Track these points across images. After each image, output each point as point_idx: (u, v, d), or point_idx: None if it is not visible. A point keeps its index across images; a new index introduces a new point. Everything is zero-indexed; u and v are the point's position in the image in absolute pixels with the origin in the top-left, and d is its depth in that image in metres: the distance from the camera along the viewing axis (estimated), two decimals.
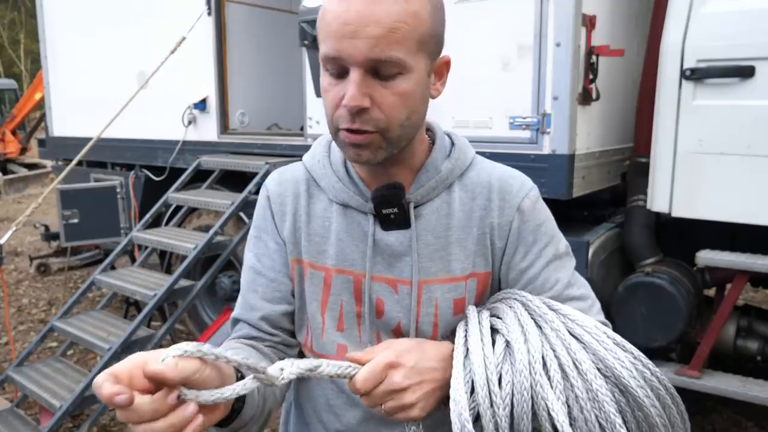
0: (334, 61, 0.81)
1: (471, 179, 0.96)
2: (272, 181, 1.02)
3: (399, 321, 0.94)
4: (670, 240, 2.85)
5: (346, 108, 0.81)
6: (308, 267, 0.97)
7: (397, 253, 0.93)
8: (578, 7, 2.51)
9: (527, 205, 0.94)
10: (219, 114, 4.03)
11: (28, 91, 12.55)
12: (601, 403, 0.74)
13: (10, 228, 3.58)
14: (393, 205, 0.91)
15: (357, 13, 0.77)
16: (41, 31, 5.27)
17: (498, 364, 0.78)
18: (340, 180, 0.95)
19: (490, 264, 0.96)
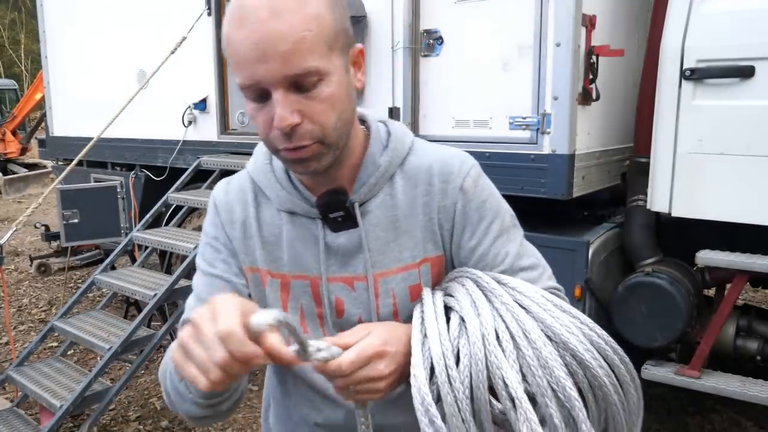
0: (252, 88, 0.81)
1: (412, 165, 0.96)
2: (219, 190, 1.02)
3: (359, 316, 0.96)
4: (670, 240, 2.85)
5: (279, 129, 0.81)
6: (267, 275, 0.98)
7: (349, 252, 0.95)
8: (578, 7, 2.52)
9: (469, 183, 0.95)
10: (219, 114, 4.03)
11: (28, 92, 12.56)
12: (551, 369, 0.77)
13: (11, 228, 3.59)
14: (338, 209, 0.92)
15: (260, 34, 0.76)
16: (41, 31, 5.28)
17: (455, 339, 0.81)
18: (284, 188, 0.96)
19: (440, 247, 0.97)
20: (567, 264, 2.66)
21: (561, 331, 0.79)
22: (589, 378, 0.79)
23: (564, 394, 0.76)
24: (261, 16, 0.76)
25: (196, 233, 3.74)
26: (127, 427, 3.33)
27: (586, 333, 0.79)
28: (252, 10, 0.77)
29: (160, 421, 3.37)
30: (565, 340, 0.78)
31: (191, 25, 3.83)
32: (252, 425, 3.30)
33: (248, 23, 0.77)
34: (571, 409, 0.77)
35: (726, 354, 2.81)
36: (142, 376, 3.89)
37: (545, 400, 0.77)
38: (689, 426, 3.21)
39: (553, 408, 0.77)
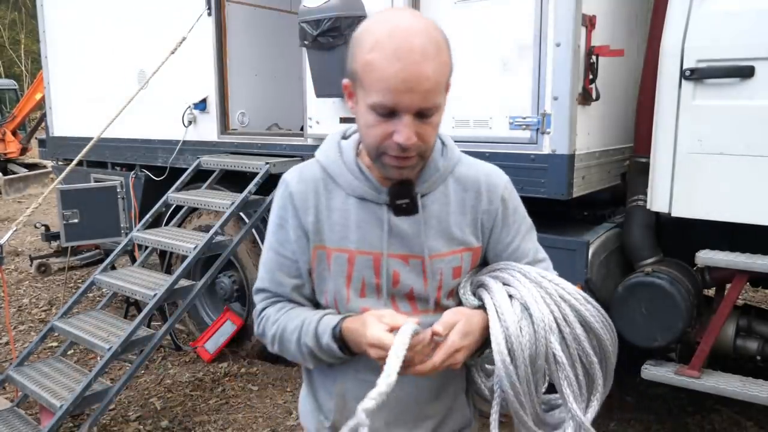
0: (387, 108, 1.01)
1: (462, 174, 1.21)
2: (293, 179, 1.22)
3: (411, 287, 1.19)
4: (670, 240, 2.85)
5: (399, 144, 1.02)
6: (333, 252, 1.18)
7: (408, 235, 1.17)
8: (578, 7, 2.52)
9: (507, 194, 1.24)
10: (219, 114, 4.03)
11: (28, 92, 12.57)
12: (581, 343, 1.12)
13: (11, 228, 3.59)
14: (405, 197, 1.15)
15: (410, 73, 0.98)
16: (41, 31, 5.28)
17: (519, 320, 1.11)
18: (357, 178, 1.17)
19: (480, 240, 1.23)
20: (567, 264, 2.66)
21: (587, 316, 1.13)
22: (603, 347, 1.14)
23: (587, 360, 1.13)
24: (414, 58, 0.98)
25: (196, 233, 3.74)
26: (127, 427, 3.33)
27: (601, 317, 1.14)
28: (407, 50, 0.98)
29: (160, 421, 3.37)
30: (590, 322, 1.13)
31: (191, 25, 3.83)
32: (252, 425, 3.30)
33: (402, 60, 0.98)
34: (590, 369, 1.14)
35: (726, 354, 2.81)
36: (142, 376, 3.90)
37: (576, 365, 1.12)
38: (689, 426, 3.21)
39: (579, 370, 1.12)
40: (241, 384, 3.78)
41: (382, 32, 1.00)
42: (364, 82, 1.02)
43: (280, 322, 1.22)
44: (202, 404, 3.55)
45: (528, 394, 1.11)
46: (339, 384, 1.25)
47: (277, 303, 1.26)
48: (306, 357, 1.20)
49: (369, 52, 1.00)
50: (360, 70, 1.03)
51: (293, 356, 1.22)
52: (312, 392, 1.33)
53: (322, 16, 2.96)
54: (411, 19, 1.02)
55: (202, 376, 3.89)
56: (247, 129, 4.19)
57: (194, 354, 4.15)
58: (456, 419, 1.31)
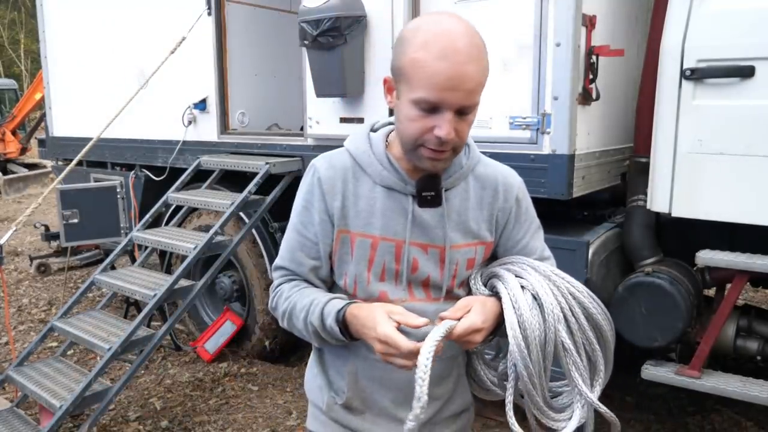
0: (431, 104, 1.08)
1: (481, 173, 1.30)
2: (322, 165, 1.27)
3: (429, 275, 1.26)
4: (670, 240, 2.85)
5: (439, 138, 1.09)
6: (357, 236, 1.25)
7: (430, 225, 1.24)
8: (578, 7, 2.52)
9: (521, 195, 1.33)
10: (219, 114, 4.03)
11: (28, 91, 12.55)
12: (585, 331, 1.20)
13: (10, 228, 3.59)
14: (431, 190, 1.22)
15: (457, 72, 1.05)
16: (41, 31, 5.27)
17: (531, 308, 1.18)
18: (386, 169, 1.24)
19: (493, 235, 1.31)
20: (567, 264, 2.65)
21: (591, 309, 1.21)
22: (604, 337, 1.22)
23: (591, 348, 1.21)
24: (460, 59, 1.06)
25: (196, 233, 3.74)
26: (127, 427, 3.33)
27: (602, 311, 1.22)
28: (454, 51, 1.06)
29: (160, 421, 3.37)
30: (593, 314, 1.21)
31: (191, 25, 3.83)
32: (252, 425, 3.30)
33: (449, 59, 1.05)
34: (593, 357, 1.22)
35: (726, 354, 2.81)
36: (142, 376, 3.89)
37: (581, 352, 1.21)
38: (689, 426, 3.21)
39: (583, 357, 1.21)
40: (241, 384, 3.78)
41: (430, 32, 1.08)
42: (411, 79, 1.09)
43: (291, 299, 1.28)
44: (202, 404, 3.55)
45: (539, 376, 1.18)
46: (351, 363, 1.31)
47: (293, 281, 1.32)
48: (312, 335, 1.26)
49: (417, 51, 1.07)
50: (407, 67, 1.09)
51: (300, 333, 1.29)
52: (323, 370, 1.38)
53: (322, 16, 2.96)
54: (457, 23, 1.10)
55: (202, 376, 3.89)
56: (247, 129, 4.19)
57: (194, 354, 4.15)
58: (458, 402, 1.39)
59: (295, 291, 1.29)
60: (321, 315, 1.21)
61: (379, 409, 1.33)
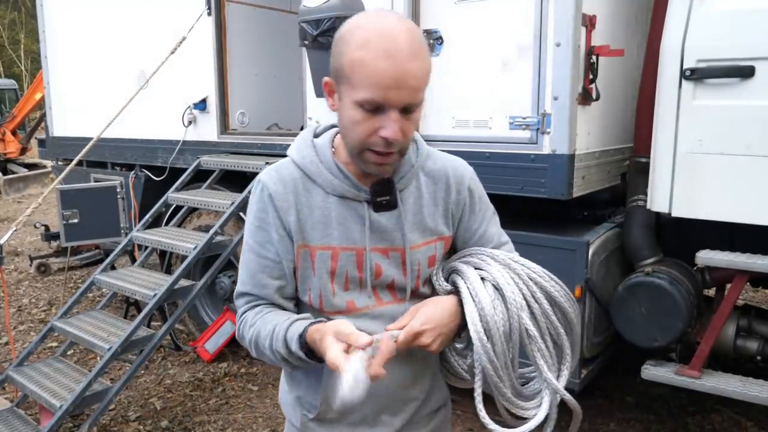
0: (375, 104, 1.05)
1: (431, 168, 1.27)
2: (270, 180, 1.22)
3: (393, 278, 1.24)
4: (670, 240, 2.85)
5: (386, 139, 1.07)
6: (317, 250, 1.21)
7: (388, 229, 1.22)
8: (578, 7, 2.51)
9: (472, 185, 1.31)
10: (219, 114, 4.03)
11: (28, 91, 12.55)
12: (549, 317, 1.19)
13: (10, 228, 3.59)
14: (386, 195, 1.20)
15: (400, 70, 1.02)
16: (41, 31, 5.27)
17: (492, 300, 1.17)
18: (336, 177, 1.19)
19: (450, 229, 1.30)
20: (567, 264, 2.66)
21: (553, 293, 1.20)
22: (568, 319, 1.22)
23: (556, 332, 1.20)
24: (403, 56, 1.02)
25: (196, 233, 3.74)
26: (127, 427, 3.33)
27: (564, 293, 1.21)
28: (396, 49, 1.02)
29: (160, 421, 3.37)
30: (555, 297, 1.20)
31: (191, 25, 3.83)
32: (252, 425, 3.30)
33: (392, 59, 1.02)
34: (558, 341, 1.21)
35: (726, 354, 2.81)
36: (142, 376, 3.90)
37: (546, 338, 1.20)
38: (689, 426, 3.21)
39: (549, 342, 1.20)
40: (241, 384, 3.78)
41: (370, 31, 1.04)
42: (353, 79, 1.05)
43: (255, 327, 1.23)
44: (202, 404, 3.55)
45: (505, 368, 1.18)
46: (326, 374, 1.26)
47: (256, 306, 1.27)
48: (281, 363, 1.21)
49: (357, 50, 1.04)
50: (347, 67, 1.06)
51: (269, 360, 1.22)
52: (295, 386, 1.35)
53: (322, 16, 2.96)
54: (397, 20, 1.07)
55: (202, 376, 3.89)
56: (247, 129, 4.19)
57: (194, 354, 4.15)
58: (436, 398, 1.39)
59: (258, 318, 1.23)
60: (285, 341, 1.16)
61: (359, 417, 1.30)
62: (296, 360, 1.17)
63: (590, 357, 2.87)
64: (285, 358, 1.18)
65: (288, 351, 1.16)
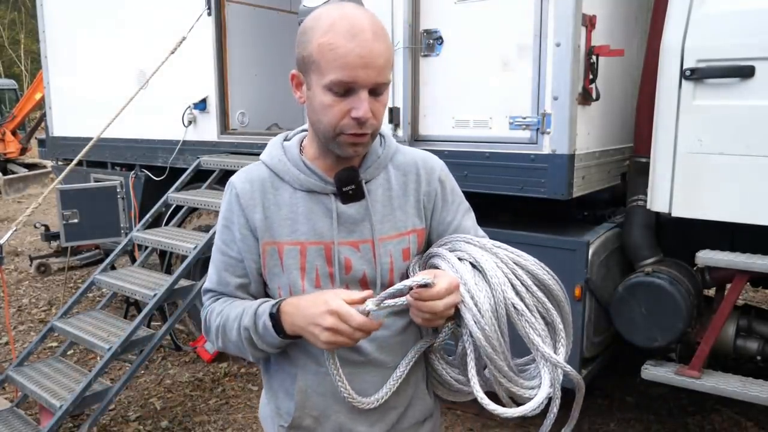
0: (344, 85, 1.07)
1: (400, 161, 1.29)
2: (239, 180, 1.26)
3: (364, 272, 1.23)
4: (670, 240, 2.85)
5: (358, 119, 1.09)
6: (285, 245, 1.22)
7: (356, 220, 1.22)
8: (578, 7, 2.51)
9: (443, 176, 1.32)
10: (219, 114, 4.03)
11: (28, 91, 12.55)
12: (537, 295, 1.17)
13: (10, 228, 3.59)
14: (351, 183, 1.21)
15: (367, 49, 1.06)
16: (41, 31, 5.27)
17: (473, 276, 1.16)
18: (302, 173, 1.22)
19: (423, 222, 1.30)
20: (567, 264, 2.66)
21: (532, 268, 1.19)
22: (554, 296, 1.20)
23: (544, 308, 1.18)
24: (367, 36, 1.07)
25: (196, 233, 3.74)
26: (127, 427, 3.33)
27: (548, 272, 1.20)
28: (360, 29, 1.06)
29: (160, 421, 3.37)
30: (537, 274, 1.19)
31: (191, 25, 3.83)
32: (252, 425, 3.30)
33: (358, 39, 1.06)
34: (548, 316, 1.18)
35: (726, 354, 2.81)
36: (142, 376, 3.90)
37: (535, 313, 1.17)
38: (689, 426, 3.21)
39: (538, 318, 1.17)
40: (241, 384, 3.78)
41: (333, 17, 1.08)
42: (321, 64, 1.08)
43: (223, 312, 1.25)
44: (202, 404, 3.55)
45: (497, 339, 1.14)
46: (300, 381, 1.26)
47: (221, 298, 1.30)
48: (245, 343, 1.20)
49: (324, 35, 1.07)
50: (315, 53, 1.09)
51: (235, 345, 1.23)
52: (272, 396, 1.33)
53: None
54: (355, 7, 1.12)
55: (202, 376, 3.89)
56: (247, 129, 4.19)
57: (194, 354, 4.15)
58: (418, 409, 1.33)
59: (226, 305, 1.26)
60: (254, 316, 1.17)
61: (334, 426, 1.27)
62: (262, 338, 1.17)
63: (590, 357, 2.87)
64: (251, 336, 1.18)
65: (255, 326, 1.17)
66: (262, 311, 1.17)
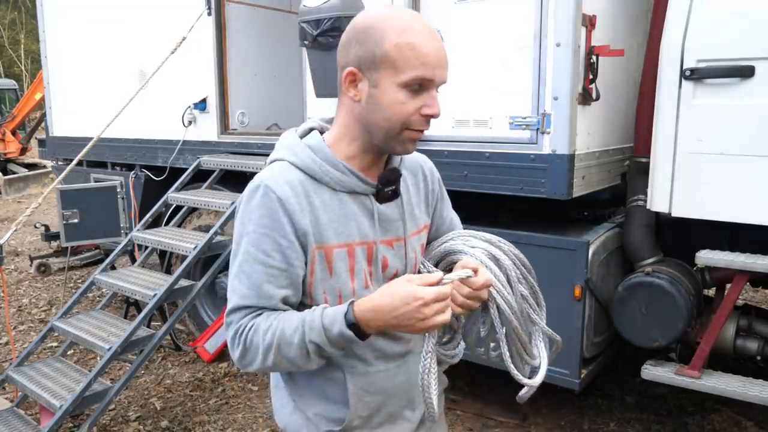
0: (424, 82, 1.13)
1: (408, 161, 1.35)
2: (276, 184, 1.17)
3: (397, 269, 1.29)
4: (670, 240, 2.85)
5: (431, 116, 1.16)
6: (333, 249, 1.21)
7: (392, 219, 1.27)
8: (578, 7, 2.52)
9: (437, 175, 1.43)
10: (219, 114, 4.03)
11: (28, 91, 12.56)
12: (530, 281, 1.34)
13: (11, 228, 3.59)
14: (393, 183, 1.26)
15: (442, 50, 1.15)
16: (41, 31, 5.28)
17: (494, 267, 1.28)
18: (344, 174, 1.21)
19: (429, 217, 1.40)
20: (567, 264, 2.66)
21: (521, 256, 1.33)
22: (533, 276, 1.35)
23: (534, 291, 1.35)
24: (438, 39, 1.15)
25: (196, 233, 3.74)
26: (127, 427, 3.33)
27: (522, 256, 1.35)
28: (432, 33, 1.15)
29: (160, 421, 3.37)
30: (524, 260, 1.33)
31: (191, 25, 3.83)
32: (252, 425, 3.30)
33: (435, 40, 1.14)
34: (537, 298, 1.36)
35: (726, 354, 2.81)
36: (142, 376, 3.90)
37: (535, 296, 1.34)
38: (689, 426, 3.21)
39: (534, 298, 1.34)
40: (241, 384, 3.78)
41: (403, 20, 1.14)
42: (398, 62, 1.11)
43: (274, 329, 1.14)
44: (202, 404, 3.55)
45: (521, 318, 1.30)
46: (350, 385, 1.25)
47: (261, 314, 1.18)
48: (311, 357, 1.14)
49: (401, 35, 1.11)
50: (392, 51, 1.11)
51: (291, 361, 1.15)
52: (304, 404, 1.30)
53: (322, 16, 2.96)
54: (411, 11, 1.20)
55: (202, 376, 3.89)
56: (247, 129, 4.19)
57: (194, 354, 4.15)
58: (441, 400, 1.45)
59: (275, 321, 1.15)
60: (323, 327, 1.11)
61: (382, 418, 1.32)
62: (334, 347, 1.13)
63: (590, 357, 2.87)
64: (320, 347, 1.12)
65: (326, 337, 1.11)
66: (331, 322, 1.11)
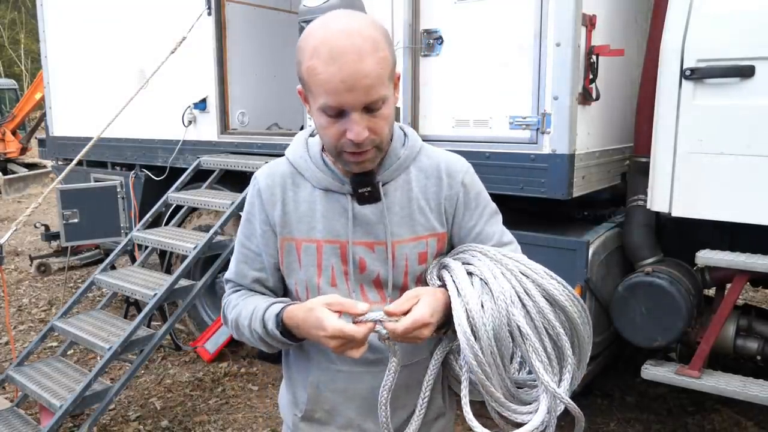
0: (335, 109, 1.06)
1: (423, 163, 1.26)
2: (262, 175, 1.27)
3: (378, 273, 1.24)
4: (670, 240, 2.85)
5: (352, 141, 1.07)
6: (302, 242, 1.23)
7: (372, 221, 1.22)
8: (578, 7, 2.52)
9: (467, 179, 1.27)
10: (219, 114, 4.03)
11: (28, 91, 12.56)
12: (548, 318, 1.12)
13: (11, 228, 3.58)
14: (366, 185, 1.20)
15: (348, 72, 1.02)
16: (41, 31, 5.27)
17: (480, 295, 1.13)
18: (321, 171, 1.22)
19: (444, 226, 1.27)
20: (567, 264, 2.66)
21: (549, 288, 1.13)
22: (569, 318, 1.15)
23: (554, 332, 1.13)
24: (349, 58, 1.02)
25: (196, 233, 3.74)
26: (127, 427, 3.33)
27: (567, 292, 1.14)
28: (341, 52, 1.02)
29: (160, 421, 3.37)
30: (554, 295, 1.13)
31: (191, 25, 3.83)
32: (252, 425, 3.30)
33: (338, 62, 1.02)
34: (558, 342, 1.13)
35: (726, 354, 2.81)
36: (142, 376, 3.90)
37: (543, 337, 1.12)
38: (689, 426, 3.21)
39: (547, 342, 1.13)
40: (241, 384, 3.78)
41: (317, 38, 1.05)
42: (311, 88, 1.08)
43: (237, 308, 1.28)
44: (202, 404, 3.55)
45: (494, 365, 1.12)
46: (312, 375, 1.29)
47: (239, 290, 1.33)
48: (258, 342, 1.25)
49: (309, 59, 1.06)
50: (305, 76, 1.08)
51: (248, 341, 1.27)
52: (290, 386, 1.37)
53: None
54: (345, 21, 1.06)
55: (202, 376, 3.89)
56: (247, 129, 4.19)
57: (194, 354, 4.15)
58: (431, 408, 1.32)
59: (240, 300, 1.29)
60: (262, 321, 1.20)
61: (345, 421, 1.30)
62: (273, 340, 1.21)
63: (590, 357, 2.86)
64: (262, 337, 1.22)
65: (264, 330, 1.20)
66: (268, 317, 1.20)
